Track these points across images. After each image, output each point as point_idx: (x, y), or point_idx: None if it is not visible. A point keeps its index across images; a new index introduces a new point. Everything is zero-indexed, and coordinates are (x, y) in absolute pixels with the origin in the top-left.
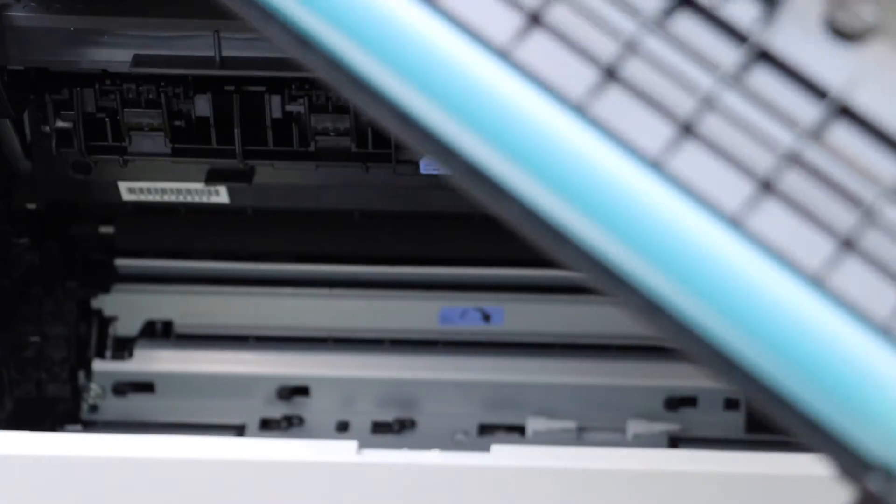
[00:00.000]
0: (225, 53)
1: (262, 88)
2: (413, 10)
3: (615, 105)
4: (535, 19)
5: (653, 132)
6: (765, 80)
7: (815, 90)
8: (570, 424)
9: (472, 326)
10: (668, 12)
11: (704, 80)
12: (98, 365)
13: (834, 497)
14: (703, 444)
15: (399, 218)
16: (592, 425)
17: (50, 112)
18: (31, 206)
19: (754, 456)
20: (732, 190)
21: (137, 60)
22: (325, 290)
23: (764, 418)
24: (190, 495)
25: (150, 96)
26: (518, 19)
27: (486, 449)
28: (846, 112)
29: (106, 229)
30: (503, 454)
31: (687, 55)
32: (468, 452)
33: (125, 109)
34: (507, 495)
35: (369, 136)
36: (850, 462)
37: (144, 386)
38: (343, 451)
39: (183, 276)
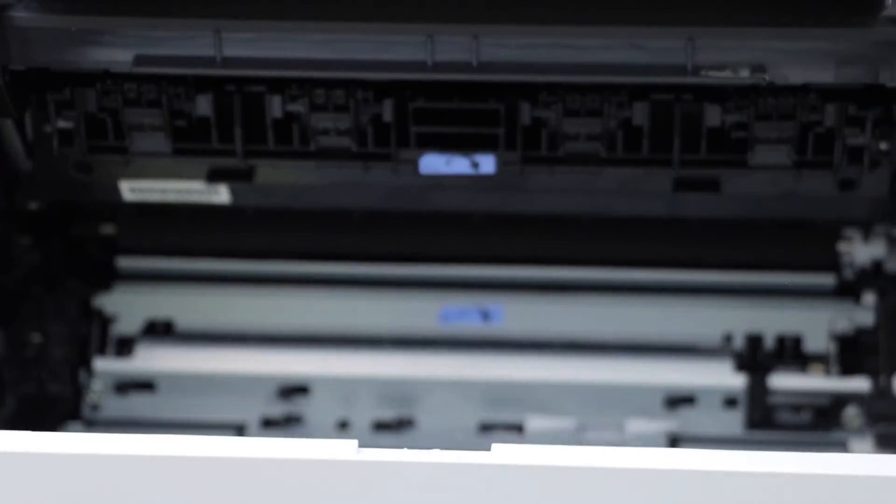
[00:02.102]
0: (226, 53)
1: (263, 88)
2: None
3: None
4: None
5: None
6: None
7: None
8: (569, 423)
9: (472, 325)
10: None
11: None
12: (99, 363)
13: (831, 495)
14: (702, 442)
15: (399, 217)
16: (591, 424)
17: (51, 112)
18: (33, 205)
19: (753, 455)
20: None
21: (138, 60)
22: (325, 290)
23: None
24: (190, 494)
25: (151, 96)
26: None
27: (485, 447)
28: None
29: (107, 228)
30: (503, 453)
31: None
32: (468, 451)
33: (126, 109)
34: (507, 494)
35: (369, 136)
36: None
37: (145, 384)
38: (343, 449)
39: (184, 276)
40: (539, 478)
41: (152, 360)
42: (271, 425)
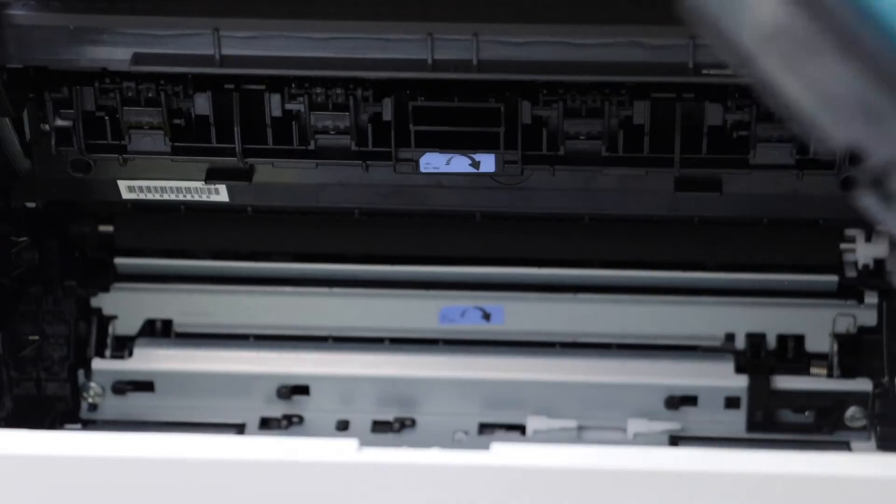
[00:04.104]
0: (224, 52)
1: (262, 87)
2: None
3: None
4: None
5: None
6: None
7: None
8: (571, 423)
9: (473, 325)
10: None
11: None
12: (97, 364)
13: (832, 496)
14: (704, 443)
15: (399, 217)
16: (592, 424)
17: (49, 110)
18: (31, 204)
19: (754, 455)
20: None
21: (137, 59)
22: (325, 289)
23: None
24: (189, 494)
25: (150, 95)
26: None
27: (486, 447)
28: None
29: (105, 228)
30: (503, 452)
31: None
32: (468, 451)
33: (125, 108)
34: (507, 493)
35: (369, 135)
36: None
37: (144, 385)
38: (343, 449)
39: (182, 275)
40: (539, 478)
41: (151, 360)
42: (271, 425)
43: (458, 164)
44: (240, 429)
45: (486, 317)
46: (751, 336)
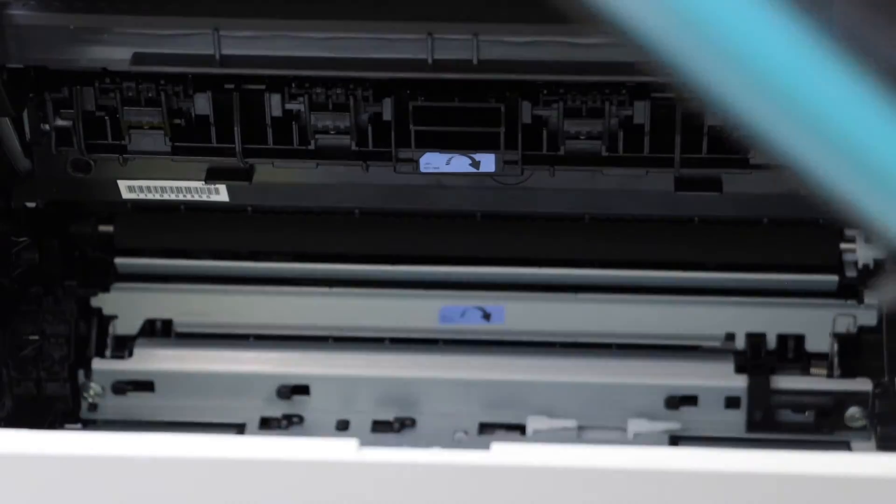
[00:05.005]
0: (224, 52)
1: (262, 87)
2: None
3: None
4: None
5: None
6: None
7: None
8: (571, 423)
9: (473, 325)
10: None
11: None
12: (98, 364)
13: (832, 495)
14: (704, 442)
15: (399, 217)
16: (592, 424)
17: (49, 110)
18: (31, 204)
19: (755, 455)
20: None
21: (137, 58)
22: (325, 289)
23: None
24: (189, 494)
25: (150, 94)
26: None
27: (486, 447)
28: None
29: (105, 228)
30: (503, 452)
31: None
32: (468, 451)
33: (125, 108)
34: (507, 493)
35: (369, 135)
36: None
37: (144, 385)
38: (343, 449)
39: (183, 275)
40: (539, 478)
41: (151, 360)
42: (271, 425)
43: (458, 164)
44: (240, 429)
45: (487, 317)
46: (751, 336)
